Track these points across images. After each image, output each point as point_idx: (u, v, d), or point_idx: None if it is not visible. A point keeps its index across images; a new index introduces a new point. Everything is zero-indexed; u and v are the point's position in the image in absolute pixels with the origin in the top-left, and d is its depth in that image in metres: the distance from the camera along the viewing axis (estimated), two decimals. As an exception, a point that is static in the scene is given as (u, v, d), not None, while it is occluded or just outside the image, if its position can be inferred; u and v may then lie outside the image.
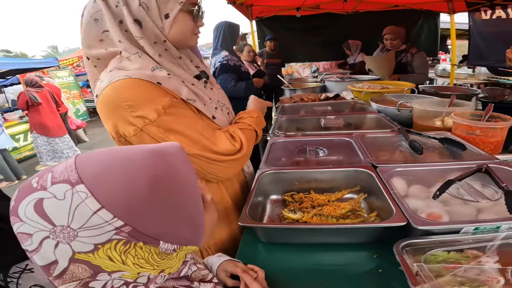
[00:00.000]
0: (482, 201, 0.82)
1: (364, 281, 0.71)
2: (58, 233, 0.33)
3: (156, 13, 0.78)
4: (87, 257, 0.34)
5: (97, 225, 0.33)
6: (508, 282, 0.56)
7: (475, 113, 1.42)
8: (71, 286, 0.36)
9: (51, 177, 0.34)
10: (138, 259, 0.37)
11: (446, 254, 0.66)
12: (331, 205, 0.95)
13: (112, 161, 0.36)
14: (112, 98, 0.73)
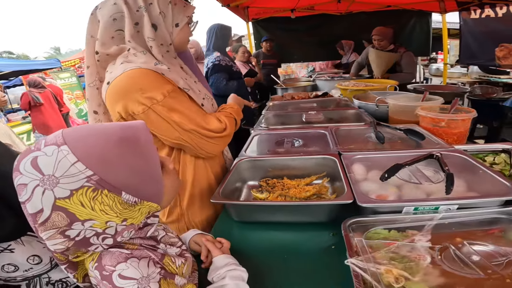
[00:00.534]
0: (425, 183, 0.93)
1: (319, 254, 0.82)
2: (45, 181, 0.44)
3: (170, 21, 0.98)
4: (64, 203, 0.45)
5: (73, 174, 0.45)
6: (434, 260, 0.65)
7: (444, 107, 1.52)
8: (51, 233, 0.47)
9: (44, 142, 0.47)
10: (104, 205, 0.48)
11: (387, 232, 0.76)
12: (298, 189, 1.06)
13: (90, 130, 0.50)
14: (126, 83, 0.89)
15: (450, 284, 0.56)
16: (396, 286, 0.54)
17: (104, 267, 0.51)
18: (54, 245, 0.48)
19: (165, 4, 0.96)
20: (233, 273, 0.65)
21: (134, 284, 0.50)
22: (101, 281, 0.51)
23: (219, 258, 0.69)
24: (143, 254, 0.55)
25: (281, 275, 0.75)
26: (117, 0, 0.93)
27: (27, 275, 0.63)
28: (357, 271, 0.58)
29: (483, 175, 0.96)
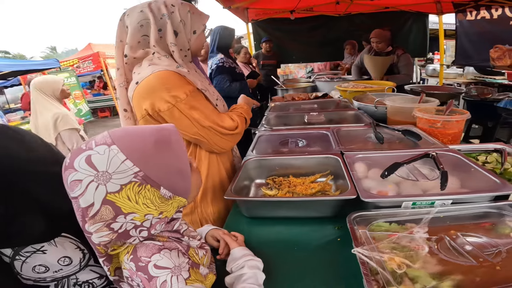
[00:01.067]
0: (422, 180, 1.00)
1: (326, 246, 0.89)
2: (99, 177, 0.51)
3: (188, 29, 1.08)
4: (113, 197, 0.52)
5: (123, 170, 0.52)
6: (431, 250, 0.72)
7: (439, 108, 1.60)
8: (98, 226, 0.53)
9: (94, 142, 0.53)
10: (146, 199, 0.54)
11: (387, 225, 0.83)
12: (304, 186, 1.12)
13: (131, 132, 0.57)
14: (155, 83, 0.99)
15: (446, 271, 0.63)
16: (398, 272, 0.60)
17: (139, 258, 0.57)
18: (100, 237, 0.54)
19: (185, 13, 1.06)
20: (250, 263, 0.71)
21: (168, 273, 0.56)
22: (136, 272, 0.56)
23: (237, 250, 0.75)
24: (172, 246, 0.62)
25: (292, 265, 0.81)
26: (144, 8, 1.02)
27: (56, 276, 0.64)
28: (363, 259, 0.64)
29: (475, 173, 1.03)
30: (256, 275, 0.68)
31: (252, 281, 0.66)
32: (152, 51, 1.05)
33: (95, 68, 8.77)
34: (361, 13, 5.01)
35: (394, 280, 0.58)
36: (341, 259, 0.81)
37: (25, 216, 0.57)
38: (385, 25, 4.86)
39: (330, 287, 0.72)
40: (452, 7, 4.49)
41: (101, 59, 8.46)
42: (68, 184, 0.52)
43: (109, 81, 9.08)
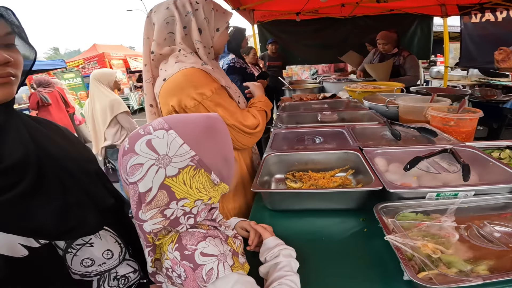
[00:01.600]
0: (443, 173, 1.03)
1: (353, 237, 0.91)
2: (160, 160, 0.53)
3: (212, 26, 1.11)
4: (171, 181, 0.54)
5: (181, 154, 0.54)
6: (461, 237, 0.75)
7: (451, 107, 1.63)
8: (153, 212, 0.55)
9: (152, 127, 0.56)
10: (199, 184, 0.57)
11: (414, 215, 0.86)
12: (325, 180, 1.15)
13: (185, 118, 0.60)
14: (182, 80, 1.01)
15: (478, 256, 0.66)
16: (434, 256, 0.63)
17: (185, 247, 0.57)
18: (153, 224, 0.56)
19: (209, 10, 1.08)
20: (285, 252, 0.73)
21: (215, 260, 0.56)
22: (180, 262, 0.56)
23: (270, 239, 0.77)
24: (215, 234, 0.63)
25: (322, 254, 0.84)
26: (170, 5, 1.05)
27: (100, 270, 0.63)
28: (398, 245, 0.67)
29: (493, 166, 1.06)
30: (290, 263, 0.70)
31: (287, 269, 0.68)
32: (178, 48, 1.08)
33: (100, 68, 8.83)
34: (366, 16, 5.06)
35: (432, 264, 0.61)
36: (370, 248, 0.84)
37: (81, 209, 0.58)
38: (390, 27, 4.91)
39: (365, 272, 0.75)
40: (457, 9, 4.54)
41: (106, 60, 8.52)
42: (128, 169, 0.54)
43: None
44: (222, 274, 0.55)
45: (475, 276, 0.58)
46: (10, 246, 0.50)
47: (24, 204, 0.50)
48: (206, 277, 0.54)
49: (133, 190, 0.55)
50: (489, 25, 4.23)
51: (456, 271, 0.61)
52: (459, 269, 0.61)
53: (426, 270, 0.60)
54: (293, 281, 0.65)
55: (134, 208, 0.56)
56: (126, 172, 0.55)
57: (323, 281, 0.74)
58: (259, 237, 0.84)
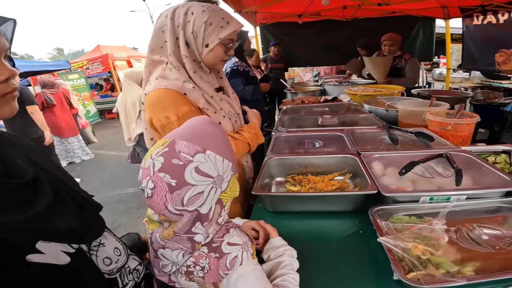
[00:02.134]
0: (437, 178, 1.07)
1: (349, 238, 0.95)
2: (216, 181, 0.59)
3: (200, 41, 1.05)
4: (224, 195, 0.61)
5: (227, 169, 0.61)
6: (451, 239, 0.79)
7: (450, 111, 1.66)
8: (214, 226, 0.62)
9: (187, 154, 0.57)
10: (234, 185, 0.64)
11: (407, 217, 0.90)
12: (324, 183, 1.19)
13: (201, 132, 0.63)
14: (154, 101, 1.02)
15: (466, 257, 0.69)
16: (423, 258, 0.67)
17: (212, 240, 0.64)
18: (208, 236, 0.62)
19: (199, 24, 1.02)
20: (288, 252, 0.77)
21: (239, 249, 0.63)
22: (208, 254, 0.62)
23: (277, 239, 0.82)
24: (233, 225, 0.69)
25: (320, 255, 0.88)
26: (168, 14, 1.04)
27: (118, 266, 0.64)
28: (389, 246, 0.71)
29: (486, 171, 1.10)
30: (292, 263, 0.75)
31: (290, 268, 0.73)
32: (166, 60, 1.06)
33: (104, 69, 8.92)
34: (368, 18, 5.08)
35: (420, 265, 0.65)
36: (364, 249, 0.88)
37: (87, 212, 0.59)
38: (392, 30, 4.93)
39: (358, 272, 0.79)
40: (459, 11, 4.55)
41: (110, 61, 8.61)
42: (185, 201, 0.56)
43: (117, 82, 9.21)
44: (245, 261, 0.62)
45: (460, 277, 0.62)
46: (55, 254, 0.51)
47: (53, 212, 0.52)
48: (230, 264, 0.61)
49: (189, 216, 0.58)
50: (491, 27, 4.24)
51: (443, 272, 0.65)
52: (446, 270, 0.65)
53: (415, 270, 0.64)
54: (294, 279, 0.70)
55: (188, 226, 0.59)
56: (182, 203, 0.57)
57: (319, 280, 0.79)
58: (266, 235, 0.88)
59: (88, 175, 4.89)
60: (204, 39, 1.05)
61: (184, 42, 1.03)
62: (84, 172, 5.12)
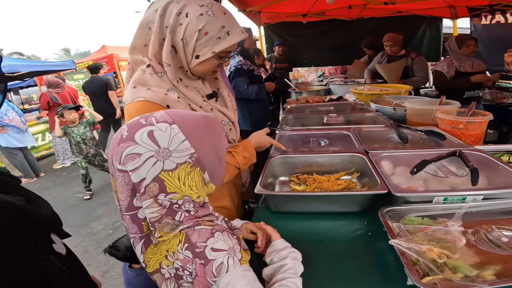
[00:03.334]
0: (451, 177, 1.01)
1: (356, 240, 0.90)
2: (160, 153, 0.53)
3: (190, 51, 0.88)
4: (166, 175, 0.54)
5: (182, 150, 0.55)
6: (468, 241, 0.74)
7: (460, 110, 1.60)
8: (150, 202, 0.55)
9: (155, 119, 0.56)
10: (192, 182, 0.57)
11: (420, 219, 0.85)
12: (330, 182, 1.15)
13: (185, 114, 0.60)
14: (133, 112, 0.84)
15: (485, 261, 0.64)
16: (439, 261, 0.62)
17: (195, 244, 0.57)
18: (152, 213, 0.56)
19: (192, 31, 0.85)
20: (292, 255, 0.73)
21: (225, 255, 0.57)
22: (193, 259, 0.56)
23: (279, 242, 0.77)
24: (221, 228, 0.63)
25: (326, 258, 0.83)
26: (159, 8, 0.86)
27: None
28: (402, 249, 0.66)
29: (502, 170, 1.04)
30: (295, 266, 0.70)
31: (291, 272, 0.68)
32: (148, 62, 0.90)
33: (109, 70, 8.94)
34: (373, 18, 5.03)
35: (437, 269, 0.60)
36: (374, 252, 0.83)
37: None
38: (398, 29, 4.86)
39: (368, 276, 0.74)
40: (467, 11, 4.48)
41: (115, 61, 8.64)
42: (123, 157, 0.54)
43: (121, 82, 9.24)
44: (231, 268, 0.56)
45: (481, 282, 0.57)
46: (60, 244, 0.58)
47: None
48: (216, 272, 0.55)
49: (122, 178, 0.55)
50: (499, 27, 4.18)
51: (461, 276, 0.60)
52: (465, 274, 0.60)
53: (431, 275, 0.59)
54: (295, 284, 0.65)
55: (128, 198, 0.57)
56: (120, 160, 0.55)
57: (325, 285, 0.74)
58: (266, 238, 0.83)
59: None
60: (195, 49, 0.87)
61: (170, 47, 0.87)
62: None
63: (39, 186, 4.66)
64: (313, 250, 0.86)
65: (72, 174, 5.08)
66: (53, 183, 4.71)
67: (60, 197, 4.11)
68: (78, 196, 4.07)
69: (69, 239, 0.65)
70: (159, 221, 0.58)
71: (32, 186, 4.69)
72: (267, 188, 1.18)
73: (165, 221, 0.58)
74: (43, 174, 5.10)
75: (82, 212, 3.59)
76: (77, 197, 4.05)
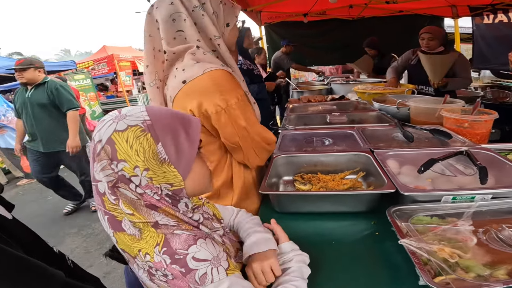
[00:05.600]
0: (459, 176, 1.00)
1: (363, 240, 0.89)
2: (117, 117, 0.57)
3: (222, 21, 1.01)
4: (117, 136, 0.54)
5: (136, 116, 0.57)
6: (479, 241, 0.73)
7: (465, 109, 1.59)
8: (104, 164, 0.55)
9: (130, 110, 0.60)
10: (140, 147, 0.54)
11: (429, 218, 0.84)
12: (335, 182, 1.13)
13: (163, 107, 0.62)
14: (208, 83, 0.91)
15: (498, 260, 0.63)
16: (451, 261, 0.61)
17: (175, 251, 0.54)
18: (107, 176, 0.55)
19: (216, 4, 0.98)
20: (298, 258, 0.71)
21: (208, 265, 0.54)
22: (170, 266, 0.53)
23: (286, 245, 0.75)
24: (203, 234, 0.60)
25: (332, 259, 0.82)
26: (174, 0, 0.93)
27: None
28: (412, 249, 0.65)
29: (510, 169, 1.03)
30: (301, 269, 0.68)
31: (295, 274, 0.66)
32: (195, 45, 0.95)
33: (109, 70, 8.93)
34: (374, 17, 5.02)
35: (449, 268, 0.59)
36: (382, 252, 0.82)
37: None
38: (399, 29, 4.85)
39: (376, 277, 0.73)
40: (468, 10, 4.47)
41: (115, 62, 8.63)
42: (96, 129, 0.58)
43: (121, 83, 9.23)
44: (216, 279, 0.53)
45: (494, 281, 0.55)
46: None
47: None
48: (200, 281, 0.53)
49: (92, 147, 0.57)
50: (503, 26, 4.15)
51: (474, 276, 0.59)
52: (477, 274, 0.59)
53: (443, 274, 0.58)
54: (298, 287, 0.63)
55: (92, 169, 0.57)
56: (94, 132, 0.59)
57: (334, 286, 0.73)
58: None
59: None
60: (225, 18, 1.01)
61: (211, 23, 0.97)
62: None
63: (41, 186, 4.60)
64: (319, 251, 0.85)
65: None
66: (55, 184, 4.69)
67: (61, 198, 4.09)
68: (79, 197, 4.05)
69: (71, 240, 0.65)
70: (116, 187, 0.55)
71: (33, 186, 4.69)
72: (271, 188, 1.17)
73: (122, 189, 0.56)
74: (44, 174, 5.09)
75: (83, 212, 3.58)
76: (78, 198, 4.04)
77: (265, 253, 0.70)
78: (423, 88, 2.67)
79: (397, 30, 4.85)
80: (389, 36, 4.53)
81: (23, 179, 4.87)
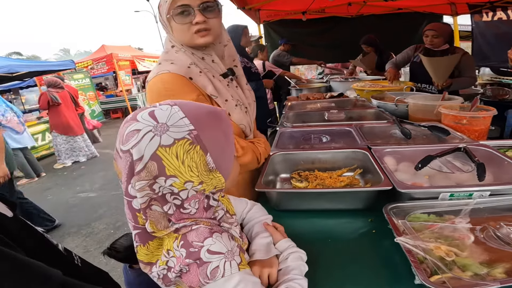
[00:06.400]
0: (457, 172, 0.99)
1: (360, 238, 0.88)
2: (158, 128, 0.51)
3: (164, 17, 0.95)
4: (163, 152, 0.51)
5: (180, 125, 0.52)
6: (477, 239, 0.72)
7: (463, 105, 1.58)
8: (142, 184, 0.52)
9: (159, 103, 0.56)
10: (192, 161, 0.53)
11: (426, 216, 0.83)
12: (332, 179, 1.12)
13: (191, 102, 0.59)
14: (159, 86, 0.92)
15: (495, 258, 0.62)
16: (448, 259, 0.60)
17: (191, 244, 0.54)
18: (142, 197, 0.53)
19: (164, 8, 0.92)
20: (294, 255, 0.70)
21: (222, 258, 0.54)
22: (183, 260, 0.53)
23: (282, 242, 0.74)
24: (221, 229, 0.60)
25: (330, 257, 0.81)
26: None
27: None
28: (408, 247, 0.64)
29: (508, 166, 1.02)
30: (300, 267, 0.68)
31: (296, 272, 0.66)
32: (171, 44, 0.99)
33: (108, 69, 8.92)
34: (373, 15, 4.99)
35: (445, 267, 0.58)
36: (378, 250, 0.81)
37: None
38: (398, 27, 4.83)
39: (373, 275, 0.72)
40: (467, 8, 4.45)
41: (114, 61, 8.61)
42: (124, 136, 0.52)
43: (121, 82, 9.22)
44: (228, 273, 0.53)
45: (491, 280, 0.54)
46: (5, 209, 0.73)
47: None
48: (210, 275, 0.52)
49: (125, 160, 0.52)
50: (502, 23, 4.13)
51: (471, 275, 0.58)
52: (474, 272, 0.58)
53: (439, 273, 0.57)
54: (301, 285, 0.63)
55: (125, 182, 0.53)
56: (122, 140, 0.52)
57: (329, 284, 0.72)
58: None
59: (93, 174, 4.88)
60: (165, 22, 0.97)
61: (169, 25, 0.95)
62: (88, 171, 5.11)
63: (40, 186, 4.65)
64: (316, 248, 0.84)
65: (73, 174, 5.07)
66: (54, 183, 4.69)
67: (61, 197, 4.09)
68: (80, 196, 4.06)
69: (71, 239, 0.65)
70: (149, 207, 0.54)
71: (33, 186, 4.68)
72: (268, 185, 1.16)
73: (155, 209, 0.55)
74: (44, 174, 5.08)
75: (83, 211, 3.57)
76: (78, 197, 4.04)
77: (269, 260, 0.70)
78: (426, 87, 2.62)
79: (396, 28, 4.83)
80: (388, 34, 4.51)
81: (23, 179, 4.86)
